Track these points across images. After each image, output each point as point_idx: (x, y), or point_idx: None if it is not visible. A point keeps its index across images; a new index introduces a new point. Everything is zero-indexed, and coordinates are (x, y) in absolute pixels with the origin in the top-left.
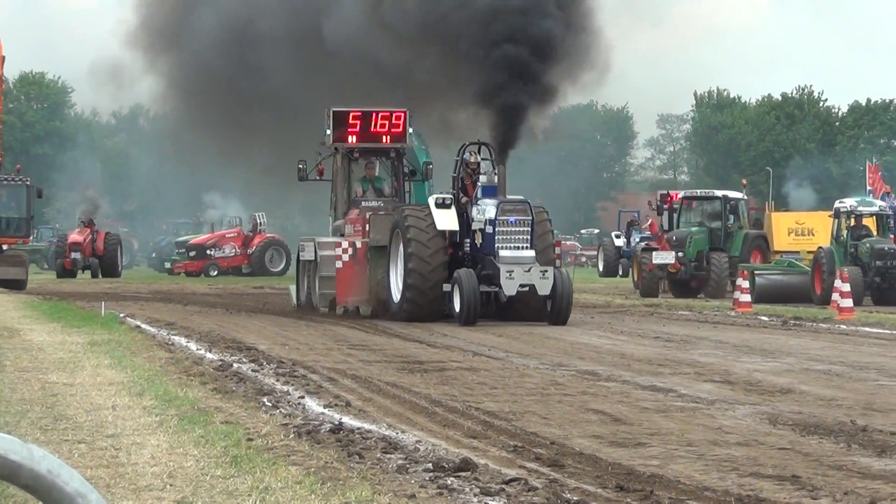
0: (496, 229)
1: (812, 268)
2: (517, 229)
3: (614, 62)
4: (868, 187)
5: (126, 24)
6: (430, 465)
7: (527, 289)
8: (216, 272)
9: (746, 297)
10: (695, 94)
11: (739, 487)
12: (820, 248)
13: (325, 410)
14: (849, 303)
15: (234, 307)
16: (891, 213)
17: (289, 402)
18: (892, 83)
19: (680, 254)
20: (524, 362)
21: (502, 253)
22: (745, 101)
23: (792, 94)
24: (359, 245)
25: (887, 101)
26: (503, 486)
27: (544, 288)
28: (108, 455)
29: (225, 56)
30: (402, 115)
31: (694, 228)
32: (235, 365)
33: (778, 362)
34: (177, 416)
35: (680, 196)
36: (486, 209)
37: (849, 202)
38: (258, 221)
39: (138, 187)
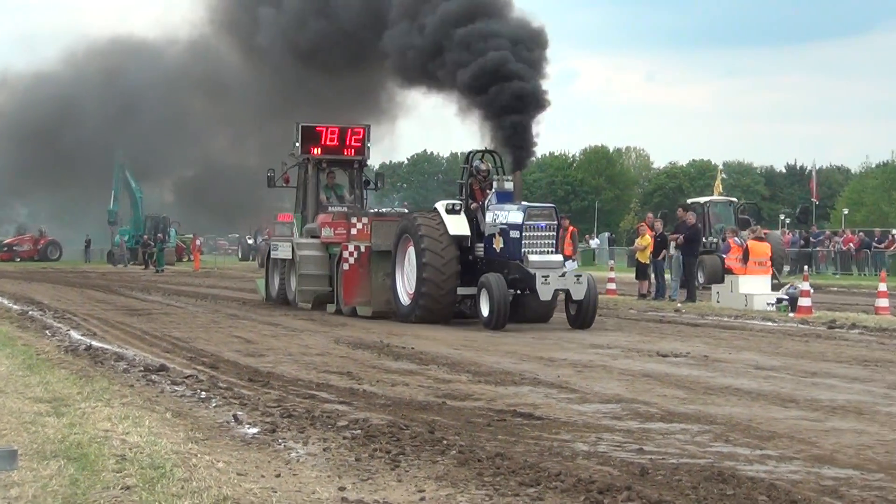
0: (523, 234)
1: None
2: (544, 234)
3: None
4: None
5: None
6: (142, 367)
7: (562, 294)
8: (19, 259)
9: None
10: None
11: (318, 378)
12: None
13: (82, 337)
14: None
15: (29, 279)
16: None
17: (60, 333)
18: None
19: None
20: (196, 309)
21: (531, 258)
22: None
23: (414, 158)
24: (363, 249)
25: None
26: (184, 379)
27: (579, 293)
28: None
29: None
30: (362, 130)
31: None
32: (30, 312)
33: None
34: None
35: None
36: (507, 214)
37: None
38: (42, 229)
39: None
